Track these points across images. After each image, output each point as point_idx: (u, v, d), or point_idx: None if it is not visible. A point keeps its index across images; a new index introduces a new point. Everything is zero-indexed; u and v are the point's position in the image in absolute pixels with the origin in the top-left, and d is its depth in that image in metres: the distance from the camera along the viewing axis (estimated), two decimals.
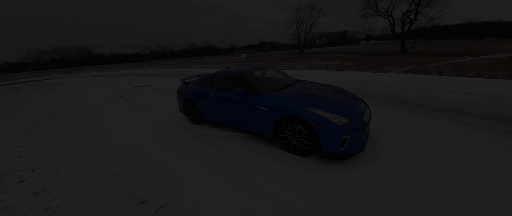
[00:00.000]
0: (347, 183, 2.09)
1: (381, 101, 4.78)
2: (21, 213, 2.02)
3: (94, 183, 2.44)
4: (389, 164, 2.34)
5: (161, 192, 2.16)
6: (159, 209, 1.93)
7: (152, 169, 2.65)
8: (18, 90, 14.04)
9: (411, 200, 1.81)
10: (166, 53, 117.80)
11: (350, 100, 2.81)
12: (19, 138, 4.27)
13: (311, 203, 1.86)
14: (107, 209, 1.99)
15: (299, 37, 45.16)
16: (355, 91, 5.90)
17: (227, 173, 2.41)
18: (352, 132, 2.30)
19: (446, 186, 1.94)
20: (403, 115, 3.85)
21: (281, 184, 2.15)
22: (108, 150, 3.32)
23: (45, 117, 5.90)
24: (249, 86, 3.04)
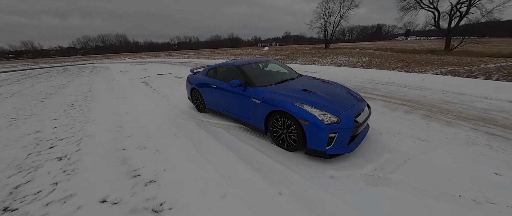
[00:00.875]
0: (327, 181, 2.06)
1: (397, 103, 4.40)
2: (45, 172, 2.46)
3: (104, 155, 2.81)
4: (379, 169, 2.22)
5: (154, 169, 2.41)
6: (148, 183, 2.17)
7: (153, 148, 2.93)
8: (66, 72, 16.23)
9: (386, 208, 1.72)
10: (192, 43, 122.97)
11: (346, 99, 2.67)
12: (58, 112, 5.03)
13: (283, 196, 1.89)
14: (109, 177, 2.30)
15: (325, 31, 42.76)
16: (371, 91, 5.52)
17: (215, 160, 2.56)
18: (341, 131, 2.22)
19: (433, 198, 1.79)
20: (417, 119, 3.52)
21: (261, 175, 2.21)
22: (122, 129, 3.74)
23: (81, 96, 6.80)
24: (246, 79, 3.10)
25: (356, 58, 15.14)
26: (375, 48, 29.49)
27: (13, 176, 2.43)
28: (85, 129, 3.78)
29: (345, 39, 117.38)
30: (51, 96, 7.02)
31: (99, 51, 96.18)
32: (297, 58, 17.18)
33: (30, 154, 2.97)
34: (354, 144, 2.41)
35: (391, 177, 2.07)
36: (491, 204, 1.72)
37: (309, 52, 25.39)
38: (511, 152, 2.43)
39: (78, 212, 1.82)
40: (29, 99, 6.80)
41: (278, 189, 1.98)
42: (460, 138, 2.82)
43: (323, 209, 1.73)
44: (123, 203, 1.89)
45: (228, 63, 3.70)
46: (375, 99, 4.80)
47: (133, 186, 2.12)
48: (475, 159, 2.34)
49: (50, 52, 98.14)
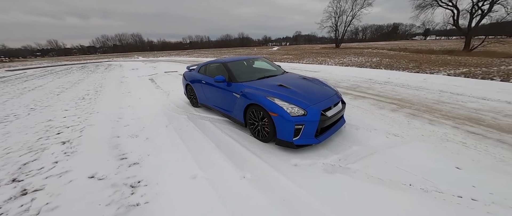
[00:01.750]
0: (290, 168, 2.22)
1: (387, 102, 4.40)
2: (49, 153, 2.84)
3: (100, 141, 3.15)
4: (342, 159, 2.34)
5: (140, 154, 2.70)
6: (132, 165, 2.46)
7: (143, 137, 3.24)
8: (83, 69, 17.39)
9: (335, 191, 1.86)
10: (203, 43, 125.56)
11: (318, 94, 2.78)
12: (70, 104, 5.56)
13: (245, 179, 2.09)
14: (100, 159, 2.62)
15: (336, 30, 41.87)
16: (365, 90, 5.53)
17: (194, 147, 2.80)
18: (307, 124, 2.37)
19: (384, 186, 1.90)
20: (400, 117, 3.54)
21: (232, 161, 2.42)
22: (121, 119, 4.10)
23: (92, 90, 7.38)
24: (230, 75, 3.31)
25: (366, 58, 14.68)
26: (388, 48, 28.42)
27: (24, 155, 2.83)
28: (90, 119, 4.20)
29: (358, 39, 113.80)
30: (66, 90, 7.69)
31: (116, 50, 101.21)
32: (304, 58, 17.05)
33: (40, 138, 3.39)
34: (323, 136, 2.54)
35: (351, 167, 2.20)
36: (439, 193, 1.80)
37: (318, 52, 25.03)
38: (482, 149, 2.44)
39: (69, 184, 2.14)
40: (47, 92, 7.50)
41: (243, 173, 2.18)
42: (437, 135, 2.85)
43: (278, 191, 1.90)
44: (107, 179, 2.19)
45: (217, 60, 3.94)
46: (366, 97, 4.82)
47: (118, 167, 2.42)
48: (442, 154, 2.39)
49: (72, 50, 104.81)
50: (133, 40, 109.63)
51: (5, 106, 5.74)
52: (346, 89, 5.67)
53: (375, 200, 1.75)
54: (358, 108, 4.06)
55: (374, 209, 1.66)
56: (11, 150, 3.00)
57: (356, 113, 3.81)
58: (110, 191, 2.00)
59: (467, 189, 1.84)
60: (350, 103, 4.40)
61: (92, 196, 1.94)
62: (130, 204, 1.82)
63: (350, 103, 4.39)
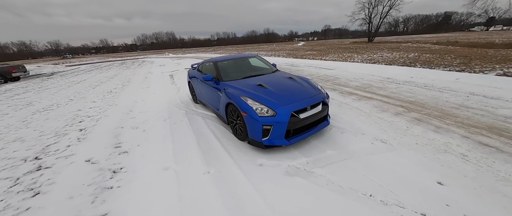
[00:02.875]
0: (253, 168, 2.26)
1: (393, 105, 3.97)
2: (67, 138, 3.42)
3: (107, 130, 3.65)
4: (310, 163, 2.27)
5: (132, 144, 3.05)
6: (121, 153, 2.81)
7: (142, 129, 3.63)
8: (122, 65, 19.69)
9: (286, 195, 1.84)
10: (230, 39, 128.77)
11: (296, 95, 2.69)
12: (99, 97, 6.46)
13: (208, 175, 2.21)
14: (100, 146, 3.05)
15: (370, 23, 38.13)
16: (375, 91, 5.07)
17: (178, 141, 3.04)
18: (275, 124, 2.35)
19: (340, 194, 1.80)
20: (401, 122, 3.18)
21: (204, 156, 2.56)
22: (131, 112, 4.63)
23: (120, 85, 8.39)
24: (217, 73, 3.44)
25: (401, 54, 12.90)
26: (433, 42, 24.54)
27: (50, 138, 3.47)
28: (107, 111, 4.85)
29: (398, 32, 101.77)
30: (101, 85, 8.90)
31: (153, 47, 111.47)
32: (329, 54, 16.06)
33: (66, 125, 4.08)
34: (295, 138, 2.48)
35: (315, 171, 2.12)
36: (399, 207, 1.64)
37: (347, 47, 23.19)
38: (484, 165, 2.08)
39: (70, 165, 2.58)
40: (87, 86, 8.81)
41: (208, 169, 2.31)
42: (435, 144, 2.51)
43: (232, 189, 1.98)
44: (98, 164, 2.56)
45: (211, 59, 4.10)
46: (372, 99, 4.42)
47: (110, 154, 2.79)
48: (429, 166, 2.11)
49: (118, 48, 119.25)
50: (167, 38, 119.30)
51: (54, 97, 6.98)
52: (354, 89, 5.28)
53: (321, 208, 1.68)
54: (357, 110, 3.77)
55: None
56: (43, 134, 3.71)
57: (351, 115, 3.56)
58: (96, 174, 2.35)
59: (438, 208, 1.63)
60: (351, 105, 4.11)
61: (81, 177, 2.31)
62: (105, 187, 2.12)
63: (350, 105, 4.11)
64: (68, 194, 2.03)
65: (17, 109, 5.73)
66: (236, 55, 4.35)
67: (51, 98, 6.85)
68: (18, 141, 3.47)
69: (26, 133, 3.83)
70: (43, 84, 10.39)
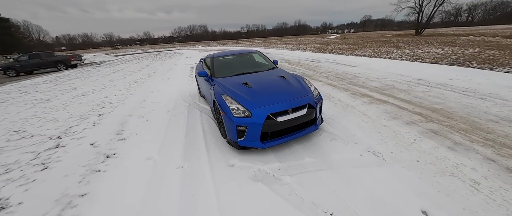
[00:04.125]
0: (223, 167, 2.25)
1: (411, 112, 3.42)
2: (86, 122, 3.95)
3: (118, 118, 4.08)
4: (282, 169, 2.15)
5: (131, 132, 3.36)
6: (120, 140, 3.12)
7: (146, 118, 3.95)
8: (157, 56, 21.54)
9: (243, 200, 1.78)
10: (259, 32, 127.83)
11: (279, 96, 2.54)
12: (125, 86, 7.23)
13: (180, 169, 2.29)
14: (106, 131, 3.44)
15: (421, 12, 32.84)
16: (395, 94, 4.46)
17: (170, 133, 3.21)
18: (250, 126, 2.27)
19: (297, 208, 1.66)
20: (409, 133, 2.73)
21: (185, 151, 2.66)
22: (144, 101, 5.08)
23: (146, 75, 9.21)
24: (211, 69, 3.46)
25: (455, 50, 10.49)
26: (506, 35, 19.35)
27: (75, 121, 4.06)
28: (126, 99, 5.40)
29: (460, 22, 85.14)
30: (132, 74, 9.94)
31: (187, 39, 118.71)
32: (362, 49, 14.47)
33: (91, 109, 4.72)
34: (272, 141, 2.37)
35: (283, 179, 2.00)
36: None
37: (387, 41, 20.39)
38: (500, 197, 1.65)
39: (77, 146, 2.99)
40: (121, 75, 9.95)
41: (184, 163, 2.39)
42: (441, 165, 2.09)
43: (195, 186, 2.02)
44: (98, 148, 2.91)
45: (211, 54, 4.13)
46: (387, 103, 3.88)
47: (111, 139, 3.13)
48: (420, 191, 1.78)
49: (158, 40, 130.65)
50: (200, 30, 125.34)
51: (93, 84, 8.10)
52: (370, 91, 4.71)
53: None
54: (361, 115, 3.37)
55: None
56: (72, 116, 4.36)
57: (351, 120, 3.21)
58: (93, 156, 2.68)
59: None
60: (357, 108, 3.69)
61: (81, 158, 2.66)
62: (95, 169, 2.40)
63: (356, 108, 3.69)
64: (65, 172, 2.37)
65: (64, 92, 6.85)
66: (236, 50, 4.32)
67: (91, 85, 7.97)
68: (53, 121, 4.17)
69: (61, 114, 4.57)
70: (90, 72, 12.14)
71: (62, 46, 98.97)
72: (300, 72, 7.52)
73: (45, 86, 8.56)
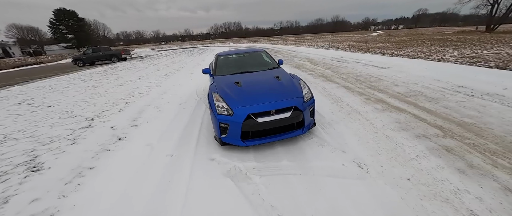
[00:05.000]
0: (204, 161, 2.41)
1: (431, 125, 2.97)
2: (115, 108, 4.65)
3: (138, 106, 4.67)
4: (256, 168, 2.18)
5: (144, 120, 3.83)
6: (133, 126, 3.59)
7: (160, 109, 4.42)
8: (191, 51, 23.28)
9: (207, 194, 1.90)
10: (292, 29, 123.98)
11: (265, 97, 2.55)
12: (155, 79, 8.12)
13: (169, 157, 2.55)
14: (126, 118, 4.00)
15: (496, 3, 26.65)
16: (420, 102, 3.93)
17: (174, 124, 3.55)
18: (231, 124, 2.36)
19: (253, 209, 1.69)
20: (414, 148, 2.39)
21: (180, 141, 2.92)
22: (164, 94, 5.65)
23: (175, 70, 10.12)
24: (214, 66, 3.66)
25: None
26: None
27: (108, 106, 4.83)
28: (151, 91, 6.10)
29: None
30: (164, 68, 11.05)
31: (222, 36, 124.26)
32: (407, 48, 12.65)
33: (122, 98, 5.51)
34: (253, 141, 2.41)
35: (253, 178, 2.05)
36: None
37: (443, 39, 17.12)
38: None
39: (102, 128, 3.57)
40: (156, 69, 11.16)
41: (173, 152, 2.65)
42: (436, 188, 1.80)
43: (173, 175, 2.22)
44: (115, 130, 3.43)
45: (219, 52, 4.32)
46: (404, 111, 3.43)
47: (126, 125, 3.64)
48: (394, 213, 1.59)
49: (196, 37, 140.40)
50: (234, 27, 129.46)
51: (132, 75, 9.34)
52: (389, 96, 4.21)
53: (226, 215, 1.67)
54: (364, 123, 3.09)
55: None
56: (108, 103, 5.19)
57: (350, 127, 2.97)
58: (109, 137, 3.19)
59: None
60: (364, 115, 3.38)
61: (100, 138, 3.19)
62: (106, 149, 2.87)
63: (363, 115, 3.39)
64: (85, 148, 2.90)
65: (109, 82, 8.13)
66: (242, 49, 4.41)
67: (130, 76, 9.21)
68: (93, 105, 5.04)
69: (100, 100, 5.48)
70: (133, 65, 13.97)
71: (120, 42, 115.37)
72: (319, 72, 7.16)
73: (98, 75, 10.28)
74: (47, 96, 6.53)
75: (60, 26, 58.95)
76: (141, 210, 1.80)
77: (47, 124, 4.00)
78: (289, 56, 12.55)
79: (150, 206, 1.83)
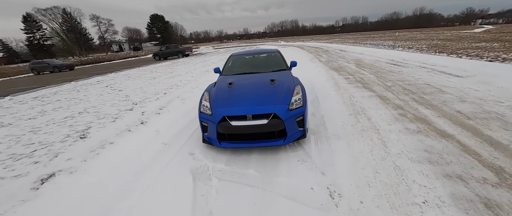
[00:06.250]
0: (184, 154, 2.58)
1: (483, 165, 2.07)
2: (154, 97, 5.59)
3: (170, 97, 5.41)
4: (222, 171, 2.17)
5: (169, 109, 4.43)
6: (156, 114, 4.23)
7: (184, 101, 4.99)
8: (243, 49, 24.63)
9: (166, 188, 2.04)
10: (358, 25, 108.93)
11: (248, 100, 2.46)
12: (198, 73, 9.14)
13: (162, 145, 2.88)
14: (156, 106, 4.74)
15: None
16: (484, 126, 2.81)
17: (188, 114, 3.94)
18: (209, 124, 2.42)
19: (192, 211, 1.70)
20: (432, 191, 1.74)
21: (181, 131, 3.24)
22: (195, 88, 6.31)
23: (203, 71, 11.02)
24: (224, 66, 3.79)
25: None
26: None
27: (150, 95, 5.85)
28: (187, 84, 6.94)
29: None
30: (211, 64, 12.23)
31: (278, 35, 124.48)
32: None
33: (164, 89, 6.52)
34: (228, 143, 2.39)
35: (212, 180, 2.06)
36: None
37: None
38: None
39: (136, 112, 4.38)
40: (202, 65, 12.52)
41: (169, 142, 2.97)
42: None
43: (153, 164, 2.47)
44: (143, 115, 4.13)
45: (235, 52, 4.42)
46: (451, 138, 2.52)
47: (152, 112, 4.32)
48: None
49: (253, 35, 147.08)
50: (290, 26, 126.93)
51: (184, 69, 10.86)
52: (439, 116, 3.17)
53: (170, 209, 1.76)
54: (376, 145, 2.47)
55: None
56: (153, 91, 6.29)
57: (353, 148, 2.44)
58: (136, 120, 3.88)
59: None
60: (383, 135, 2.70)
61: (131, 119, 3.93)
62: (128, 129, 3.52)
63: (382, 135, 2.71)
64: (117, 126, 3.66)
65: (164, 74, 9.78)
66: (256, 50, 4.34)
67: (181, 70, 10.75)
68: (143, 93, 6.24)
69: (150, 89, 6.69)
70: (190, 61, 16.17)
71: (192, 40, 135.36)
72: (359, 77, 6.14)
73: (161, 69, 12.53)
74: (123, 82, 8.55)
75: (153, 28, 74.85)
76: (122, 183, 2.14)
77: (110, 104, 5.27)
78: (335, 57, 11.31)
79: (129, 181, 2.15)
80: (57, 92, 7.87)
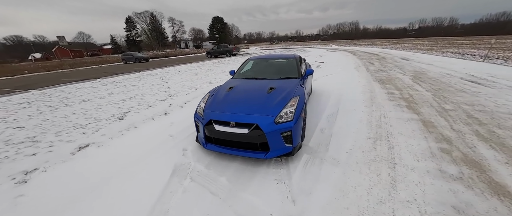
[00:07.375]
0: (176, 150, 2.75)
1: None
2: (185, 92, 6.24)
3: (199, 93, 5.92)
4: (200, 175, 2.22)
5: (192, 104, 4.87)
6: (180, 107, 4.72)
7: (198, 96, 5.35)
8: (289, 51, 24.28)
9: (144, 181, 2.25)
10: (442, 28, 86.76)
11: (239, 106, 2.43)
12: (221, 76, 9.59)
13: (171, 137, 3.19)
14: (185, 99, 5.28)
15: None
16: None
17: None
18: (200, 124, 2.52)
19: (158, 202, 1.82)
20: None
21: (183, 129, 3.52)
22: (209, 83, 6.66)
23: None
24: (238, 69, 3.86)
25: None
26: None
27: (185, 89, 6.56)
28: (206, 83, 7.39)
29: None
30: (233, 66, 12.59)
31: (333, 37, 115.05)
32: None
33: (198, 84, 7.16)
34: (212, 146, 2.43)
35: (186, 179, 2.14)
36: None
37: None
38: None
39: (165, 103, 5.01)
40: (225, 67, 13.01)
41: (174, 134, 3.27)
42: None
43: (156, 152, 2.78)
44: (169, 107, 4.69)
45: (253, 56, 4.41)
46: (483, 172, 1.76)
47: (178, 105, 4.83)
48: None
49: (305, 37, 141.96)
50: (349, 28, 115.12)
51: (223, 68, 11.63)
52: (493, 146, 2.24)
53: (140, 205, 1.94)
54: (382, 185, 1.98)
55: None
56: (188, 87, 7.02)
57: (350, 178, 2.03)
58: (161, 110, 4.45)
59: None
60: (399, 174, 2.14)
61: (159, 109, 4.53)
62: (152, 117, 4.07)
63: (398, 174, 2.15)
64: (146, 114, 4.29)
65: (206, 71, 10.74)
66: (274, 54, 4.17)
67: (221, 68, 11.53)
68: (181, 87, 7.04)
69: (188, 83, 7.50)
70: (234, 60, 17.11)
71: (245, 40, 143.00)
72: (408, 93, 5.02)
73: (206, 66, 13.80)
74: (173, 76, 9.91)
75: (213, 29, 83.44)
76: (123, 165, 2.52)
77: (153, 93, 6.22)
78: (390, 66, 9.61)
79: (131, 163, 2.51)
80: (128, 78, 9.87)
